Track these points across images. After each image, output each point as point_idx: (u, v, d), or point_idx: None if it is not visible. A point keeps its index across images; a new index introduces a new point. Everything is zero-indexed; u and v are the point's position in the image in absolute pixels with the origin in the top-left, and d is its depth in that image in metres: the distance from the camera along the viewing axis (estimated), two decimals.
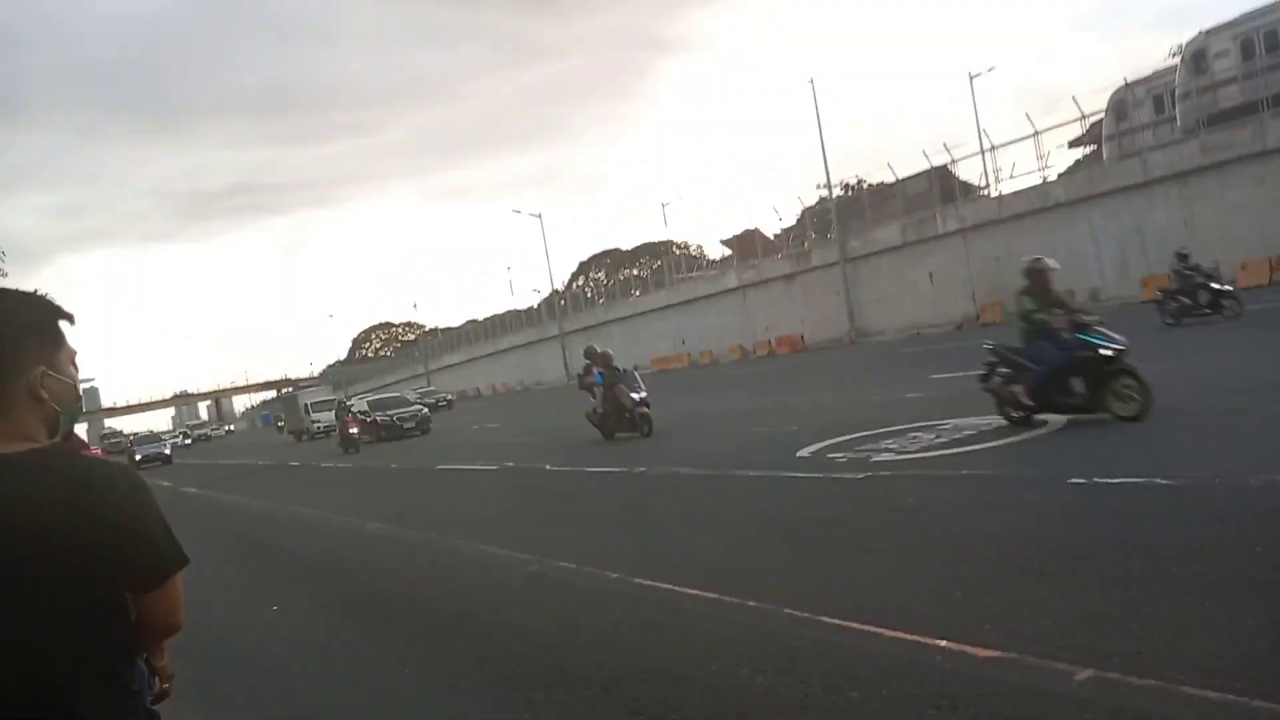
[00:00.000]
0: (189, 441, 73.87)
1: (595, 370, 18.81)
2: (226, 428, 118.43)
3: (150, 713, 1.98)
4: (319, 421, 46.67)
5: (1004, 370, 11.14)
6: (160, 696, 2.19)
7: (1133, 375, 10.05)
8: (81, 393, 2.07)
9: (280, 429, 65.37)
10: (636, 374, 18.99)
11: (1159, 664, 3.98)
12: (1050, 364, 10.40)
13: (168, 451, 50.41)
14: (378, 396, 40.14)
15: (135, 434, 74.59)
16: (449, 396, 61.71)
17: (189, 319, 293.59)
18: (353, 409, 32.27)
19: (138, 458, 47.42)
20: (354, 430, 28.76)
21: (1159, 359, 13.85)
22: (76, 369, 1.98)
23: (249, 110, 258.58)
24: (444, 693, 5.40)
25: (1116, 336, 10.24)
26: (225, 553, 12.11)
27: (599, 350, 19.50)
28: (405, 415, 33.12)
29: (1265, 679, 3.71)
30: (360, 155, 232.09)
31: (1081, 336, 10.29)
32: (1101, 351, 10.09)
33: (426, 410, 35.82)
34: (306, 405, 49.90)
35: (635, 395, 17.76)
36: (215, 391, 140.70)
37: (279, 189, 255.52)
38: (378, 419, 32.35)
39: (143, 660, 2.21)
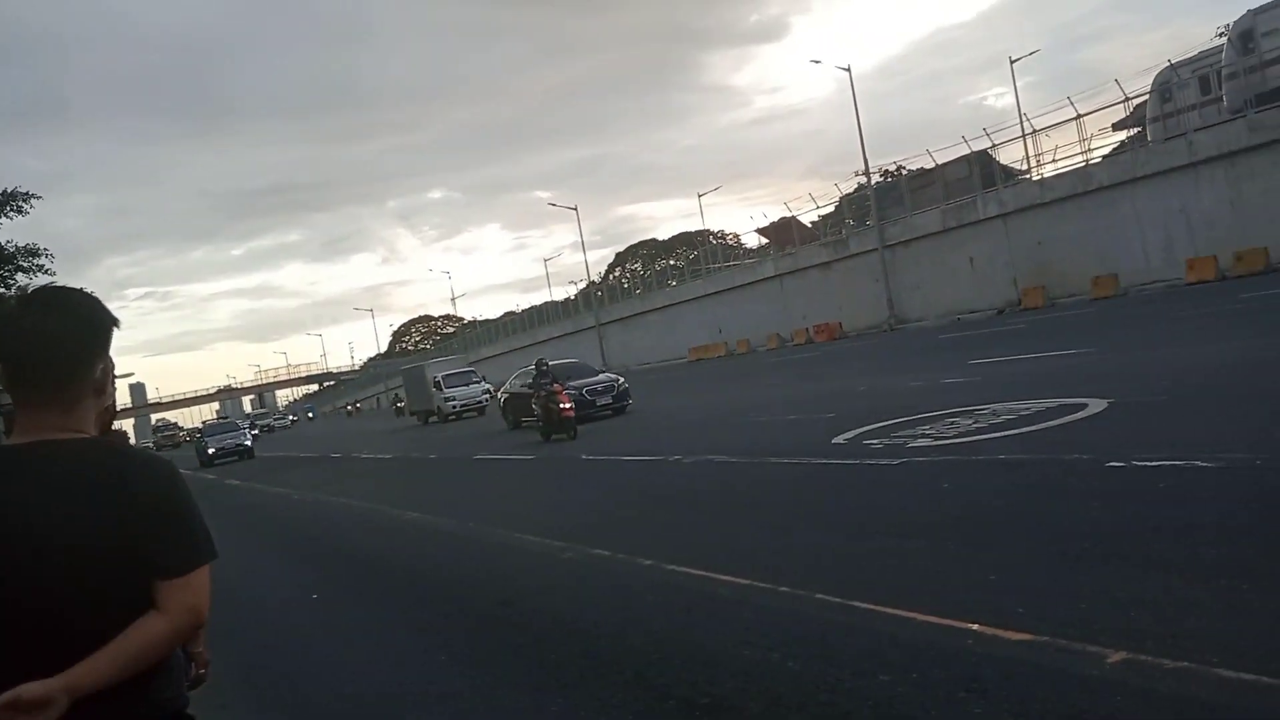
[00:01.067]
0: (255, 432, 69.56)
1: None
2: (291, 417, 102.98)
3: (184, 697, 2.01)
4: (453, 399, 39.45)
5: None
6: (196, 682, 2.23)
7: None
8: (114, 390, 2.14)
9: (398, 410, 56.52)
10: None
11: (1193, 646, 3.94)
12: None
13: (248, 443, 39.00)
14: (553, 363, 28.91)
15: (206, 421, 64.76)
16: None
17: (229, 315, 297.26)
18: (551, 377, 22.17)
19: (210, 451, 37.62)
20: (567, 406, 20.65)
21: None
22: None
23: (290, 111, 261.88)
24: (480, 679, 5.46)
25: None
26: (276, 545, 12.32)
27: None
28: (597, 387, 24.86)
29: None
30: (400, 152, 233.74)
31: None
32: None
33: (624, 380, 26.33)
34: (438, 380, 40.76)
35: None
36: (258, 385, 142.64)
37: (319, 187, 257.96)
38: None
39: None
